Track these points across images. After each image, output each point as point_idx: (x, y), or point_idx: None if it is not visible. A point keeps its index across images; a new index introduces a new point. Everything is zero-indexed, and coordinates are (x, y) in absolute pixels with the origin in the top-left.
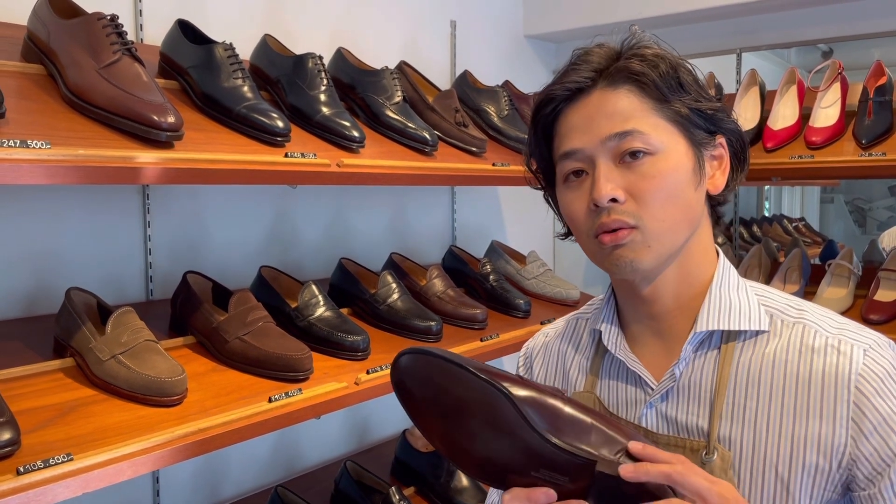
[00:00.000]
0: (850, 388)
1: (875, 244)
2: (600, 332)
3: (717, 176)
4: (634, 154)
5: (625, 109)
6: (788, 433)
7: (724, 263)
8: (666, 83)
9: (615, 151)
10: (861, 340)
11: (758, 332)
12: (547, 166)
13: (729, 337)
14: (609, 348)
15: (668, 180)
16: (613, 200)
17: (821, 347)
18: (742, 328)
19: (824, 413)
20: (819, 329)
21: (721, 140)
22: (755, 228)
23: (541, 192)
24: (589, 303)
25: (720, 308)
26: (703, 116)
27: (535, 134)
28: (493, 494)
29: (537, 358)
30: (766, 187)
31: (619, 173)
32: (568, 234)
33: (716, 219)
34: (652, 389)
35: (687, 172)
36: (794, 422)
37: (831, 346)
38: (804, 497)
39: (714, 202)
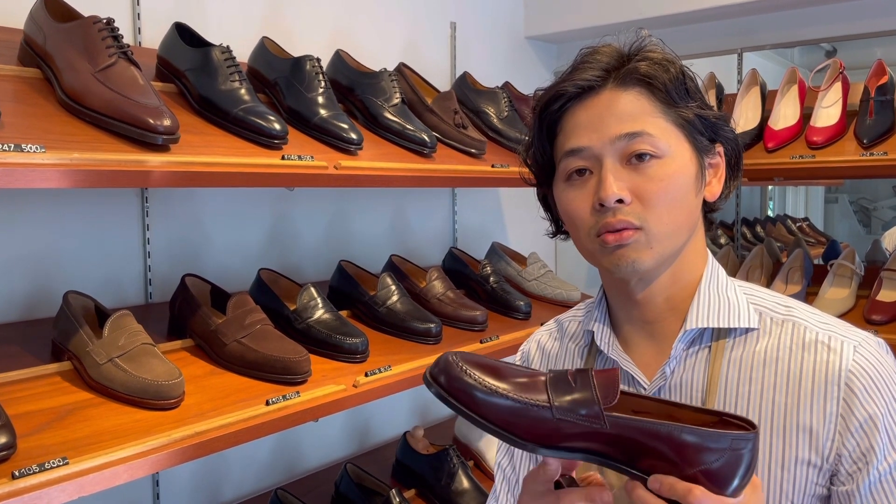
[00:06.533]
0: (840, 384)
1: (878, 244)
2: (593, 332)
3: (714, 183)
4: (641, 156)
5: (634, 111)
6: (780, 429)
7: (713, 264)
8: (675, 87)
9: (623, 152)
10: (850, 337)
11: (747, 330)
12: (546, 163)
13: (719, 335)
14: (602, 349)
15: (674, 184)
16: (619, 201)
17: (811, 344)
18: (731, 326)
19: (815, 409)
20: (809, 326)
21: (719, 149)
22: (758, 228)
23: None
24: (580, 304)
25: (709, 306)
26: (705, 123)
27: (539, 129)
28: (500, 494)
29: (534, 361)
30: (770, 187)
31: (625, 174)
32: (557, 232)
33: (708, 225)
34: (645, 389)
35: (690, 177)
36: (785, 418)
37: (822, 342)
38: (797, 492)
39: (707, 209)
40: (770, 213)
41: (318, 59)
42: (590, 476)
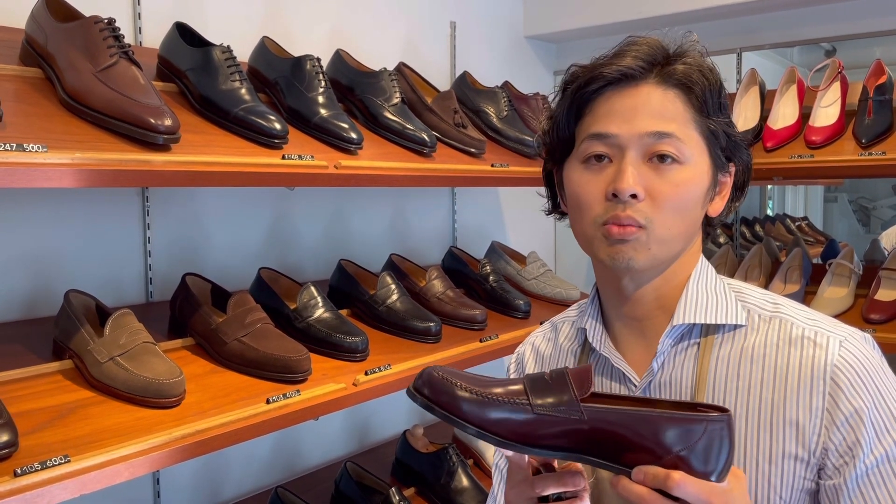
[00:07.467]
0: (825, 379)
1: (877, 243)
2: (585, 331)
3: (717, 201)
4: (663, 157)
5: (669, 111)
6: (768, 425)
7: (703, 262)
8: (711, 98)
9: (648, 149)
10: (836, 333)
11: (735, 327)
12: (565, 140)
13: (707, 332)
14: (594, 346)
15: (687, 192)
16: (633, 196)
17: (797, 339)
18: (719, 322)
19: (801, 403)
20: (795, 322)
21: (732, 169)
22: (757, 228)
23: (542, 193)
24: (574, 305)
25: (697, 302)
26: (729, 141)
27: (569, 106)
28: (498, 494)
29: (528, 363)
30: (769, 187)
31: (644, 170)
32: (553, 211)
33: (704, 236)
34: (635, 386)
35: (703, 189)
36: (772, 413)
37: (808, 338)
38: (785, 486)
39: (705, 222)
40: (769, 213)
41: (319, 59)
42: (569, 464)
